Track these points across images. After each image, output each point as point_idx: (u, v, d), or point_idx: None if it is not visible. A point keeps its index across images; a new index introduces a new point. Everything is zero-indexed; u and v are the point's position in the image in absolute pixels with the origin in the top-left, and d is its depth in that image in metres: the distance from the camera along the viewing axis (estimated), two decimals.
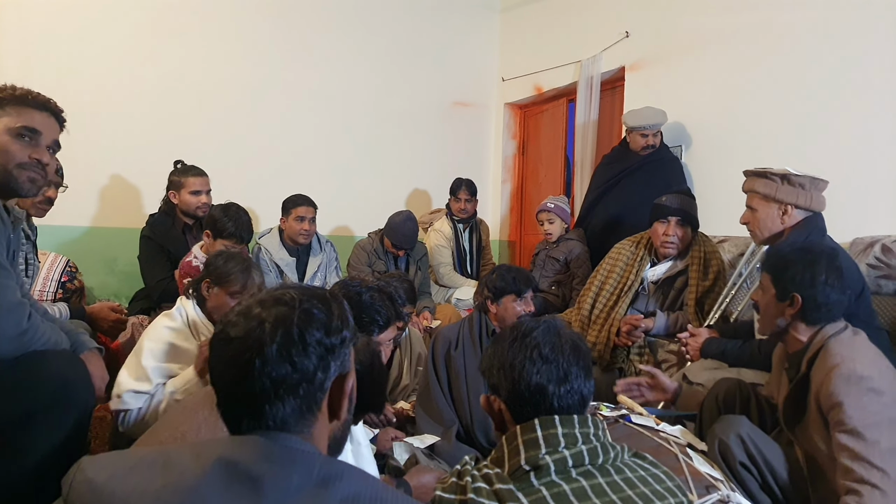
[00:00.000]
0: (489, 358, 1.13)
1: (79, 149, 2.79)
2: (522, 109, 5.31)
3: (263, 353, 0.83)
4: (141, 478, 0.77)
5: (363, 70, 4.55)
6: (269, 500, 0.74)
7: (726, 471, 1.58)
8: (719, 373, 2.21)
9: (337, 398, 0.89)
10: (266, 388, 0.83)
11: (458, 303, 3.85)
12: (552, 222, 3.63)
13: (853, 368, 1.47)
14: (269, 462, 0.78)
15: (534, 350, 1.06)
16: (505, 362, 1.07)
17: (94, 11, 3.51)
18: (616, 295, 2.86)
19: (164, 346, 1.96)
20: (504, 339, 1.11)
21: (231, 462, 0.77)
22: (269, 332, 0.84)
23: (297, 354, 0.84)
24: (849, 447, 1.41)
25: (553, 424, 1.00)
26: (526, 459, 0.97)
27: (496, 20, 5.30)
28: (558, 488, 0.93)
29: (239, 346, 0.84)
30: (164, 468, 0.78)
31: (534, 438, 0.99)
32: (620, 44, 4.12)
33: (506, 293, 2.22)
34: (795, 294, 1.62)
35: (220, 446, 0.83)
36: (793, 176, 2.17)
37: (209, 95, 3.91)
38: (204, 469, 0.77)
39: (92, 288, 3.46)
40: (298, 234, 3.28)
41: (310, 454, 0.83)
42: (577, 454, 0.98)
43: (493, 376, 1.11)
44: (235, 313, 0.88)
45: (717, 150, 3.55)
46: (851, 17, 2.93)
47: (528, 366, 1.05)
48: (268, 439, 0.82)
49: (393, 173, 4.74)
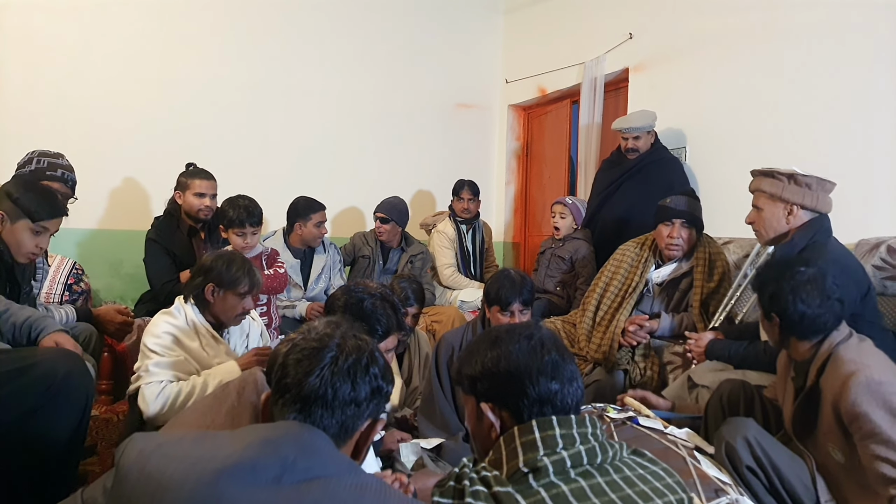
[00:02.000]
0: (479, 363, 1.08)
1: (85, 152, 2.81)
2: (526, 111, 5.31)
3: (336, 364, 0.98)
4: (183, 449, 0.88)
5: (367, 72, 4.56)
6: (287, 478, 0.83)
7: (733, 474, 1.58)
8: (724, 374, 2.20)
9: (365, 438, 1.01)
10: (324, 394, 0.95)
11: (462, 304, 3.85)
12: (564, 217, 3.63)
13: (870, 376, 1.47)
14: (297, 445, 0.88)
15: (543, 354, 1.06)
16: (511, 367, 1.05)
17: (99, 14, 3.53)
18: (620, 297, 2.85)
19: (168, 338, 1.95)
20: (501, 343, 1.08)
21: (266, 440, 0.88)
22: (347, 351, 1.00)
23: (360, 378, 0.98)
24: (885, 457, 1.41)
25: (551, 426, 1.00)
26: (524, 462, 0.97)
27: (500, 22, 5.30)
28: (557, 489, 0.93)
29: (318, 349, 1.00)
30: (203, 440, 0.91)
31: (532, 440, 0.99)
32: (624, 45, 4.11)
33: (492, 303, 2.19)
34: (772, 313, 1.67)
35: (260, 429, 0.93)
36: (799, 176, 2.17)
37: (214, 98, 3.92)
38: (241, 445, 0.87)
39: (98, 290, 3.47)
40: (316, 239, 3.35)
41: (332, 450, 0.92)
42: (576, 455, 0.97)
43: (490, 383, 1.07)
44: (323, 324, 1.07)
45: (722, 152, 3.54)
46: (856, 18, 2.93)
47: (542, 370, 1.04)
48: (302, 428, 0.92)
49: (397, 175, 4.73)
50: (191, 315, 2.02)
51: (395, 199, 3.85)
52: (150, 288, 3.06)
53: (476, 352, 1.10)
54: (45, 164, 2.36)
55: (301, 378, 0.97)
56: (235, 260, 2.07)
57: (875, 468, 1.43)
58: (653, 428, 1.73)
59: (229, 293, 2.02)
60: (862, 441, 1.46)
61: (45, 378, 1.54)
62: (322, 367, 0.98)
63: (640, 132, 3.53)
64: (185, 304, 2.05)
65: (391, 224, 3.74)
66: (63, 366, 1.60)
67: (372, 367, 1.00)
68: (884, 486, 1.41)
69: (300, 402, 0.96)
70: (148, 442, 0.90)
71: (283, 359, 1.01)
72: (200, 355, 1.99)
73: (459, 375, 1.14)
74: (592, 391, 2.68)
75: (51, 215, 1.98)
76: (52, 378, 1.55)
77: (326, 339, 1.02)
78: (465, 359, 1.13)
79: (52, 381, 1.55)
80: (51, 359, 1.61)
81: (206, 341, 2.02)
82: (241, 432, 0.93)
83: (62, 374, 1.57)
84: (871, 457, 1.43)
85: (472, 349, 1.12)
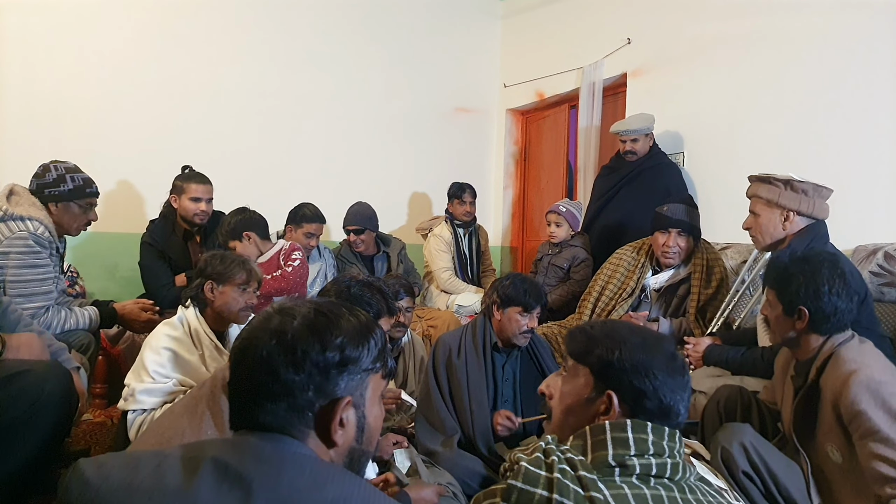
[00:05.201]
0: (627, 355, 1.07)
1: (80, 154, 2.79)
2: (524, 115, 5.31)
3: (253, 357, 0.85)
4: (134, 477, 0.77)
5: (365, 75, 4.56)
6: (259, 500, 0.74)
7: (730, 480, 1.57)
8: (722, 380, 2.20)
9: (325, 422, 0.86)
10: (248, 390, 0.85)
11: (459, 309, 3.84)
12: (559, 225, 3.62)
13: (871, 375, 1.47)
14: (259, 462, 0.78)
15: (682, 374, 1.09)
16: (657, 380, 1.05)
17: (97, 16, 3.52)
18: (615, 301, 2.85)
19: (168, 355, 1.93)
20: (650, 350, 1.09)
21: (222, 463, 0.78)
22: (266, 339, 0.86)
23: (282, 365, 0.84)
24: (883, 455, 1.40)
25: (645, 430, 1.01)
26: (613, 455, 0.98)
27: (498, 26, 5.31)
28: (639, 490, 0.94)
29: (240, 346, 0.88)
30: (157, 469, 0.78)
31: (623, 438, 1.00)
32: (622, 50, 4.12)
33: (513, 304, 2.19)
34: (802, 308, 1.62)
35: (212, 447, 0.83)
36: (796, 182, 2.17)
37: (212, 101, 3.91)
38: (196, 470, 0.77)
39: (93, 293, 3.45)
40: (304, 248, 3.31)
41: (301, 456, 0.82)
42: (662, 465, 0.99)
43: (627, 378, 1.07)
44: (258, 317, 0.91)
45: (720, 157, 3.54)
46: (854, 24, 2.93)
47: (676, 390, 1.07)
48: (261, 439, 0.82)
49: (395, 179, 4.74)
50: (194, 324, 2.01)
51: (361, 207, 3.70)
52: (145, 291, 3.05)
53: (622, 341, 1.09)
54: (80, 182, 2.46)
55: (231, 382, 0.89)
56: (229, 256, 2.11)
57: (873, 467, 1.42)
58: None
59: (227, 286, 2.03)
60: (861, 440, 1.46)
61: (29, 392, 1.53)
62: (242, 369, 0.87)
63: (637, 135, 3.53)
64: (185, 309, 2.04)
65: (366, 233, 3.65)
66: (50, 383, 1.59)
67: (300, 345, 0.84)
68: (881, 486, 1.41)
69: (236, 404, 0.87)
70: (93, 471, 0.79)
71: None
72: (198, 370, 1.95)
73: (588, 351, 1.12)
74: None
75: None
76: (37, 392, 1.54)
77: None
78: (600, 339, 1.11)
79: (38, 396, 1.54)
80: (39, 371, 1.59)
81: (208, 352, 1.99)
82: (196, 453, 0.81)
83: (46, 390, 1.56)
84: (870, 455, 1.43)
85: (614, 335, 1.11)
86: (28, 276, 2.22)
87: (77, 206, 2.45)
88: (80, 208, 2.47)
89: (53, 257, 2.36)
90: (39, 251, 2.27)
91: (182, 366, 1.93)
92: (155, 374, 1.88)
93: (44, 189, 2.39)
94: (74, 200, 2.44)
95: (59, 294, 2.40)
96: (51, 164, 2.44)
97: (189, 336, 1.99)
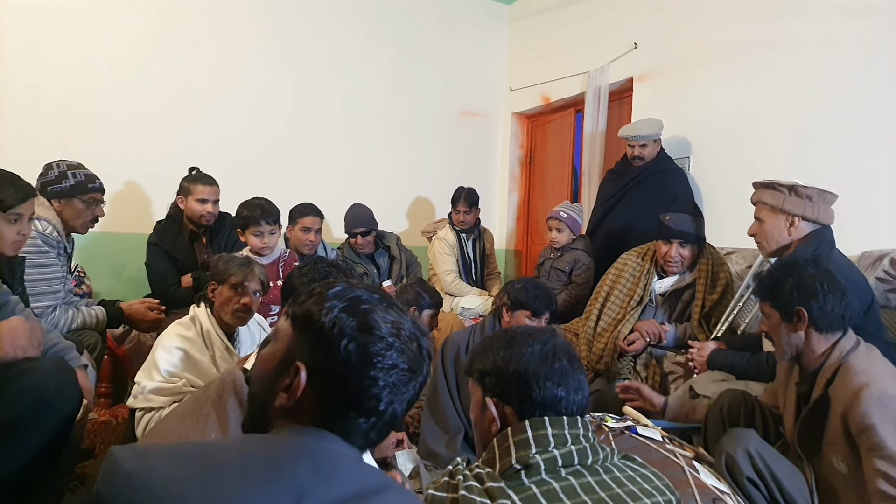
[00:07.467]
0: (492, 359, 1.13)
1: (87, 155, 2.81)
2: (530, 119, 5.32)
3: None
4: (178, 469, 0.72)
5: (372, 78, 4.58)
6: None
7: (734, 485, 1.56)
8: (726, 385, 2.19)
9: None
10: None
11: (464, 311, 3.84)
12: (560, 231, 3.60)
13: (884, 389, 1.46)
14: (314, 467, 0.75)
15: (554, 361, 1.09)
16: (521, 368, 1.08)
17: (103, 17, 3.55)
18: (624, 308, 2.84)
19: (179, 354, 1.95)
20: (516, 344, 1.12)
21: (274, 462, 0.74)
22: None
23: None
24: (885, 472, 1.40)
25: (543, 426, 1.03)
26: (517, 459, 1.00)
27: (504, 30, 5.32)
28: (548, 486, 0.95)
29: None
30: (201, 459, 0.75)
31: (524, 439, 1.02)
32: (629, 55, 4.12)
33: (523, 307, 2.21)
34: (799, 308, 1.62)
35: (264, 444, 0.80)
36: (800, 188, 2.16)
37: (217, 103, 3.94)
38: (245, 465, 0.74)
39: (99, 293, 3.47)
40: (303, 245, 3.26)
41: (351, 461, 0.81)
42: (567, 454, 1.00)
43: (498, 380, 1.11)
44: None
45: (725, 162, 3.53)
46: (859, 30, 2.92)
47: (550, 376, 1.07)
48: (314, 439, 0.81)
49: (400, 182, 4.75)
50: (206, 324, 2.03)
51: (361, 209, 3.67)
52: (151, 291, 3.07)
53: (490, 348, 1.14)
54: (82, 178, 2.45)
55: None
56: (233, 258, 2.13)
57: (875, 483, 1.41)
58: (651, 438, 1.71)
59: (224, 286, 2.05)
60: (867, 453, 1.45)
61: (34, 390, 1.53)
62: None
63: (646, 140, 3.52)
64: (199, 308, 2.07)
65: (371, 233, 3.65)
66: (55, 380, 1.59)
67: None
68: (879, 500, 1.40)
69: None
70: (132, 461, 0.72)
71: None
72: (209, 371, 1.96)
73: (471, 367, 1.17)
74: (593, 401, 2.66)
75: (20, 199, 1.84)
76: (42, 388, 1.54)
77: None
78: (478, 352, 1.17)
79: (43, 392, 1.54)
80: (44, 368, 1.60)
81: (219, 353, 2.01)
82: (244, 449, 0.79)
83: (51, 387, 1.56)
84: (873, 471, 1.42)
85: (487, 344, 1.16)
86: (36, 276, 2.24)
87: (80, 202, 2.45)
88: (84, 204, 2.46)
89: (61, 257, 2.38)
90: (47, 251, 2.29)
91: (193, 366, 1.94)
92: (166, 373, 1.90)
93: (46, 186, 2.41)
94: (77, 196, 2.44)
95: (66, 294, 2.41)
96: (53, 163, 2.47)
97: (201, 336, 2.01)
